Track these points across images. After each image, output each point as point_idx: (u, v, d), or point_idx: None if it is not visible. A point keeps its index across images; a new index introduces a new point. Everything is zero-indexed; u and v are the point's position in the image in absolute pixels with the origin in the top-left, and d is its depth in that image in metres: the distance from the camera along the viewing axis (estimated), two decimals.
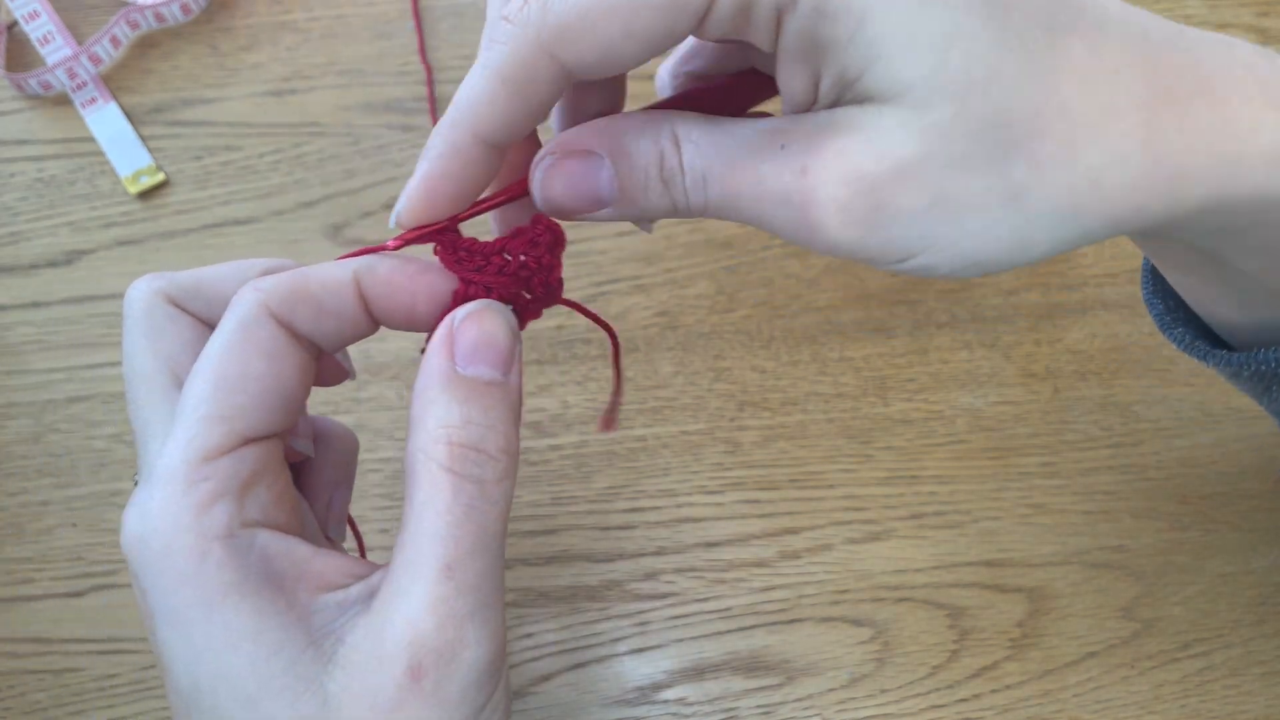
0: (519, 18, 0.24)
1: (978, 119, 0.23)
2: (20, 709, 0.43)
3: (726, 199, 0.25)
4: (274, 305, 0.26)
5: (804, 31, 0.24)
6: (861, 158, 0.24)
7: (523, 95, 0.25)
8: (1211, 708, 0.45)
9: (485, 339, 0.26)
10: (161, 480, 0.25)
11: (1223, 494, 0.48)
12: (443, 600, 0.24)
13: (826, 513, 0.47)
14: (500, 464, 0.26)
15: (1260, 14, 0.55)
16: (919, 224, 0.24)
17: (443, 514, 0.24)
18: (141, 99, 0.52)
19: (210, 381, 0.25)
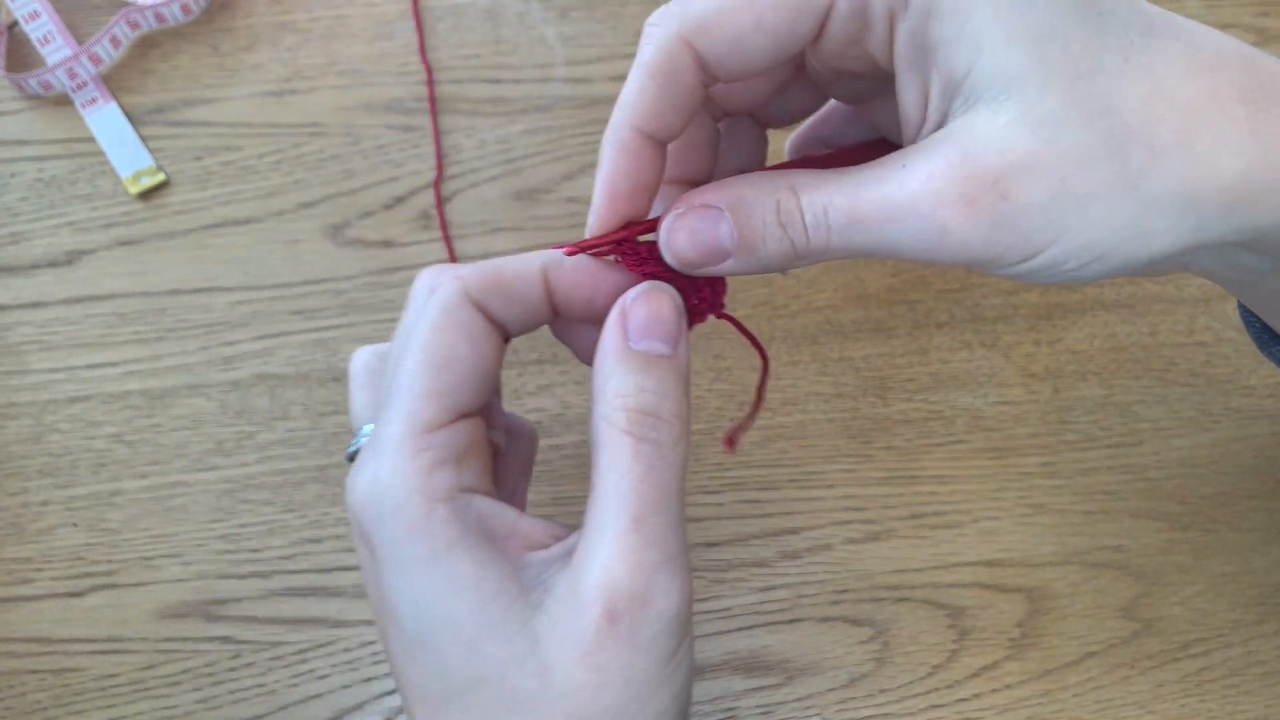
0: (661, 18, 0.28)
1: (1087, 108, 0.24)
2: (20, 709, 0.43)
3: (849, 226, 0.26)
4: (473, 292, 0.29)
5: (915, 34, 0.26)
6: (982, 156, 0.24)
7: (669, 86, 0.28)
8: (1211, 707, 0.45)
9: (654, 315, 0.29)
10: (389, 449, 0.27)
11: (1222, 494, 0.48)
12: (632, 550, 0.26)
13: (826, 513, 0.47)
14: (674, 428, 0.28)
15: (1260, 14, 0.55)
16: (1044, 214, 0.25)
17: (625, 474, 0.27)
18: (142, 99, 0.52)
19: (423, 361, 0.28)
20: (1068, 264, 0.26)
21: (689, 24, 0.27)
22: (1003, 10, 0.24)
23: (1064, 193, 0.24)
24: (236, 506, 0.46)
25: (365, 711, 0.44)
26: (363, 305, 0.49)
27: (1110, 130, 0.24)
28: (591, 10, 0.53)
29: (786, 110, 0.34)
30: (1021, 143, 0.24)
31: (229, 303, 0.49)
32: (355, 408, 0.35)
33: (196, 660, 0.44)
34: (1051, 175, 0.24)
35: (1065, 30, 0.25)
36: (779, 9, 0.26)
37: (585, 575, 0.26)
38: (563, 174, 0.51)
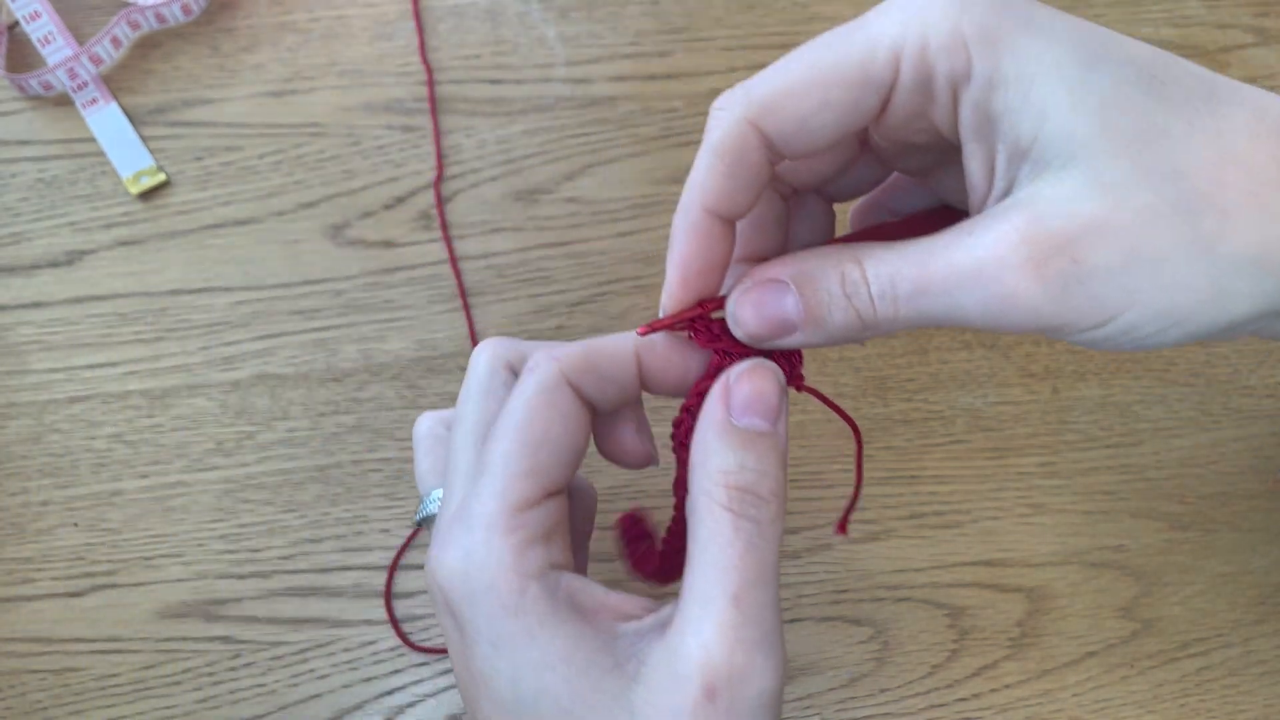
0: (727, 101, 0.28)
1: (1155, 173, 0.24)
2: (20, 709, 0.43)
3: (916, 293, 0.26)
4: (569, 373, 0.30)
5: (979, 104, 0.26)
6: (1050, 220, 0.24)
7: (737, 167, 0.28)
8: (1210, 707, 0.45)
9: (757, 393, 0.29)
10: (482, 525, 0.28)
11: (1222, 494, 0.48)
12: (733, 627, 0.26)
13: (826, 513, 0.47)
14: (772, 506, 0.28)
15: (1259, 14, 0.55)
16: (1117, 279, 0.24)
17: (725, 548, 0.27)
18: (142, 99, 0.52)
19: (519, 440, 0.29)
20: (1143, 329, 0.25)
21: (754, 107, 0.27)
22: (1067, 78, 0.25)
23: (1136, 257, 0.24)
24: (236, 506, 0.46)
25: (365, 711, 0.44)
26: (363, 305, 0.49)
27: (1180, 194, 0.24)
28: (591, 10, 0.53)
29: (852, 184, 0.34)
30: (1089, 206, 0.24)
31: (229, 303, 0.49)
32: (421, 472, 0.35)
33: (196, 660, 0.44)
34: (1122, 239, 0.24)
35: (1130, 96, 0.25)
36: (843, 88, 0.26)
37: (683, 649, 0.26)
38: (563, 174, 0.51)
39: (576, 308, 0.49)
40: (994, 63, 0.25)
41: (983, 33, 0.25)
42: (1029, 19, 0.25)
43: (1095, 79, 0.25)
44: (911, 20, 0.26)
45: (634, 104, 0.52)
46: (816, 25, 0.53)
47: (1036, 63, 0.25)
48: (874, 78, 0.26)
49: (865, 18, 0.27)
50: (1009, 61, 0.25)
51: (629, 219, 0.50)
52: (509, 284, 0.49)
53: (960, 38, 0.25)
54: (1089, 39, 0.26)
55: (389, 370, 0.48)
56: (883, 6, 0.27)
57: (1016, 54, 0.25)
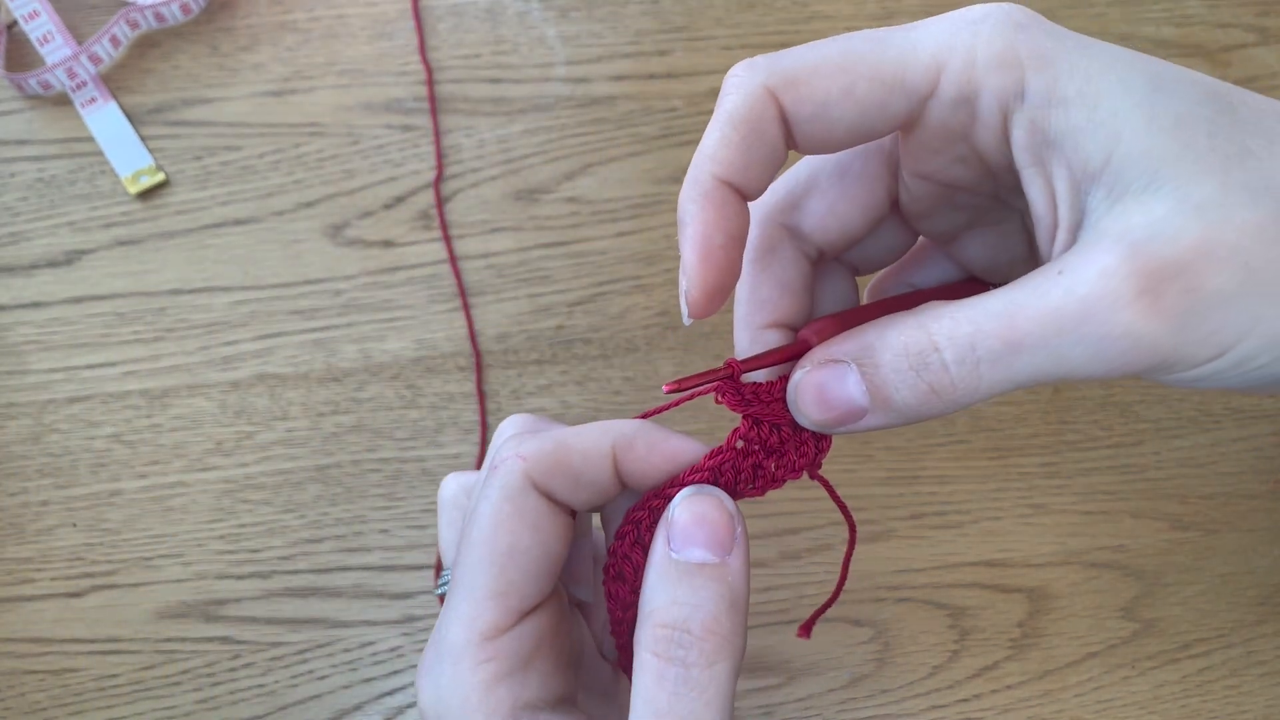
0: (747, 68, 0.25)
1: (1249, 189, 0.22)
2: (20, 709, 0.43)
3: (1006, 350, 0.23)
4: (536, 476, 0.27)
5: (1035, 124, 0.24)
6: (1154, 247, 0.22)
7: (753, 136, 0.25)
8: (1211, 708, 0.45)
9: (697, 520, 0.26)
10: (450, 657, 0.26)
11: (1223, 494, 0.48)
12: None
13: (826, 513, 0.47)
14: (707, 644, 0.25)
15: (1260, 14, 0.55)
16: (1235, 305, 0.22)
17: (647, 702, 0.25)
18: (141, 99, 0.52)
19: (484, 557, 0.26)
20: (1259, 359, 0.23)
21: (776, 76, 0.25)
22: (1137, 96, 0.23)
23: (1251, 278, 0.22)
24: (236, 506, 0.46)
25: (365, 711, 0.44)
26: (362, 305, 0.49)
27: (1277, 208, 0.22)
28: (591, 10, 0.53)
29: (877, 253, 0.31)
30: (1193, 229, 0.22)
31: (228, 303, 0.49)
32: (444, 543, 0.33)
33: (196, 660, 0.44)
34: (1235, 259, 0.22)
35: (1205, 115, 0.23)
36: (872, 82, 0.24)
37: None
38: (563, 174, 0.51)
39: (576, 307, 0.49)
40: (1051, 81, 0.23)
41: (1038, 52, 0.24)
42: (1086, 45, 0.24)
43: (1165, 98, 0.23)
44: (960, 32, 0.24)
45: (634, 104, 0.52)
46: (816, 25, 0.53)
47: (1100, 81, 0.23)
48: (907, 82, 0.25)
49: (913, 24, 0.25)
50: (1068, 80, 0.23)
51: (629, 219, 0.50)
52: (509, 284, 0.49)
53: (1014, 54, 0.24)
54: (1149, 63, 0.24)
55: (388, 370, 0.48)
56: (933, 18, 0.25)
57: (1076, 73, 0.23)
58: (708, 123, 0.26)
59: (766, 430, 0.27)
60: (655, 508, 0.28)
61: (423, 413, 0.47)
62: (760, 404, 0.27)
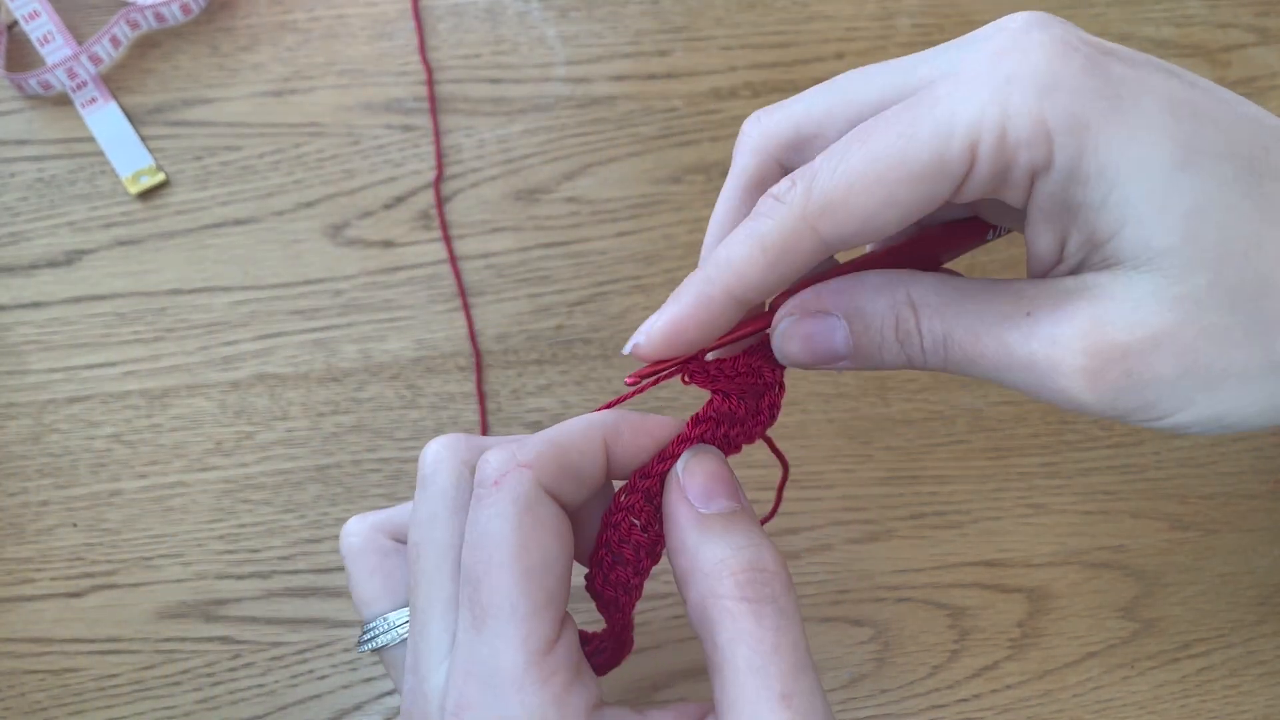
0: (787, 196, 0.25)
1: (1234, 290, 0.23)
2: (20, 709, 0.43)
3: (967, 361, 0.26)
4: (545, 481, 0.27)
5: (1056, 194, 0.24)
6: (1113, 328, 0.23)
7: (781, 264, 0.26)
8: (1211, 708, 0.45)
9: (713, 475, 0.27)
10: (513, 685, 0.25)
11: (1223, 494, 0.48)
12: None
13: (826, 513, 0.47)
14: (783, 576, 0.26)
15: (1260, 14, 0.55)
16: (1173, 390, 0.24)
17: (756, 645, 0.25)
18: (142, 99, 0.52)
19: (520, 573, 0.26)
20: (1190, 429, 0.25)
21: (814, 210, 0.25)
22: (1155, 180, 0.23)
23: (1194, 371, 0.23)
24: (236, 506, 0.46)
25: (365, 711, 0.44)
26: (362, 305, 0.49)
27: (1258, 314, 0.23)
28: (591, 10, 0.53)
29: None
30: (1157, 319, 0.23)
31: (228, 303, 0.49)
32: (366, 595, 0.32)
33: (196, 660, 0.44)
34: (1184, 354, 0.23)
35: (1225, 202, 0.23)
36: (913, 183, 0.24)
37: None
38: (563, 174, 0.51)
39: (576, 307, 0.49)
40: (1077, 156, 0.23)
41: (1068, 122, 0.23)
42: (1117, 102, 0.23)
43: (1186, 180, 0.23)
44: (990, 104, 0.23)
45: (634, 103, 0.52)
46: (816, 25, 0.53)
47: (1122, 157, 0.23)
48: (948, 171, 0.24)
49: (935, 94, 0.24)
50: (1092, 156, 0.23)
51: (629, 218, 0.50)
52: (509, 284, 0.49)
53: (1044, 128, 0.23)
54: (1184, 120, 0.23)
55: (388, 370, 0.48)
56: (955, 80, 0.24)
57: (1101, 147, 0.23)
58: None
59: (735, 402, 0.29)
60: (647, 487, 0.28)
61: (423, 413, 0.47)
62: (725, 379, 0.28)
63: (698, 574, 0.26)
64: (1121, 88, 0.23)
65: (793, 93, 0.29)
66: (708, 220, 0.31)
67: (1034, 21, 0.25)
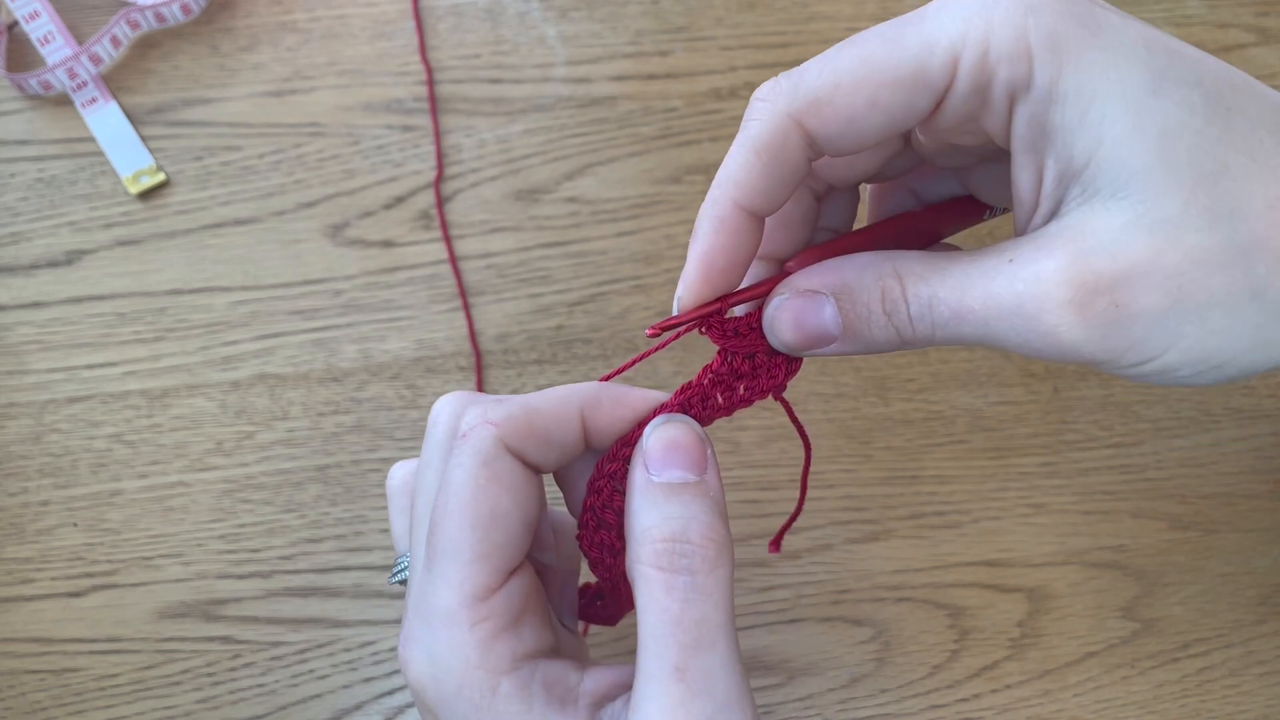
0: (771, 94, 0.26)
1: (1210, 212, 0.23)
2: (20, 709, 0.43)
3: (954, 319, 0.26)
4: (509, 440, 0.28)
5: (1035, 117, 0.25)
6: (1096, 258, 0.23)
7: (775, 163, 0.26)
8: (1211, 708, 0.45)
9: (672, 444, 0.28)
10: (443, 622, 0.26)
11: (1223, 494, 0.48)
12: (679, 705, 0.25)
13: (826, 513, 0.47)
14: (707, 551, 0.26)
15: (1260, 14, 0.55)
16: (1161, 323, 0.24)
17: (661, 615, 0.25)
18: (142, 99, 0.52)
19: (468, 521, 0.27)
20: (1180, 371, 0.25)
21: (800, 102, 0.25)
22: (1129, 101, 0.23)
23: (1181, 301, 0.23)
24: (236, 506, 0.46)
25: (365, 711, 0.44)
26: (362, 305, 0.49)
27: (1233, 236, 0.23)
28: (591, 10, 0.53)
29: (885, 175, 0.33)
30: (1138, 246, 0.23)
31: (229, 303, 0.49)
32: (397, 531, 0.33)
33: (196, 660, 0.44)
34: (1169, 282, 0.23)
35: (1193, 126, 0.23)
36: (895, 88, 0.25)
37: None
38: (563, 174, 0.51)
39: (576, 307, 0.49)
40: (1055, 75, 0.24)
41: (1049, 40, 0.24)
42: (1098, 25, 0.24)
43: (1158, 104, 0.23)
44: (974, 19, 0.24)
45: (634, 104, 0.52)
46: (816, 25, 0.53)
47: (1100, 79, 0.23)
48: (929, 80, 0.25)
49: (923, 11, 0.25)
50: (1071, 75, 0.24)
51: (629, 219, 0.50)
52: (509, 284, 0.49)
53: (1025, 44, 0.24)
54: (1158, 53, 0.24)
55: (389, 370, 0.48)
56: (942, 1, 0.25)
57: (1080, 67, 0.24)
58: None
59: (739, 361, 0.29)
60: (627, 455, 0.29)
61: (423, 413, 0.47)
62: (739, 337, 0.29)
63: (630, 539, 0.27)
64: (1101, 19, 0.24)
65: None
66: None
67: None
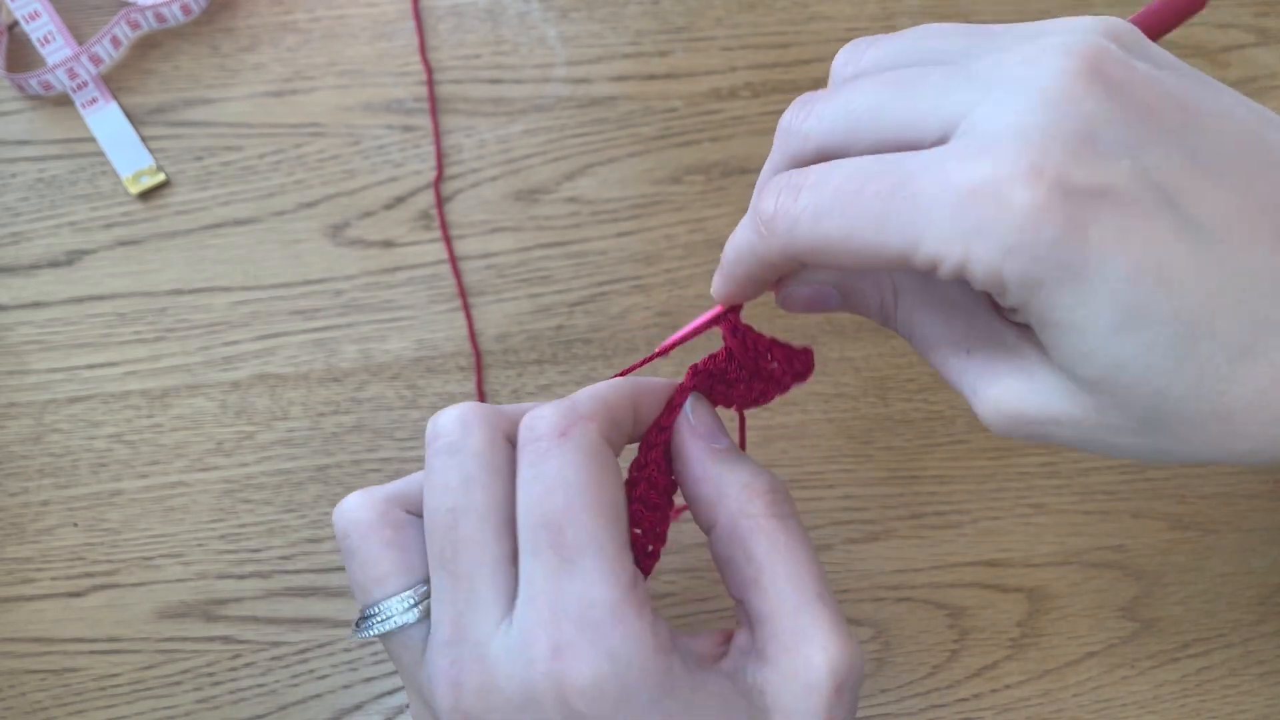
0: (771, 226, 0.28)
1: (1137, 410, 0.25)
2: (21, 709, 0.43)
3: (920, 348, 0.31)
4: (605, 433, 0.30)
5: (1008, 307, 0.27)
6: (1023, 403, 0.27)
7: (771, 270, 0.30)
8: (1211, 707, 0.45)
9: (713, 420, 0.32)
10: (614, 617, 0.27)
11: (1223, 494, 0.48)
12: (835, 624, 0.28)
13: (826, 512, 0.47)
14: (788, 495, 0.31)
15: (1260, 14, 0.55)
16: (1067, 443, 0.28)
17: (792, 555, 0.29)
18: (142, 99, 0.52)
19: (602, 516, 0.28)
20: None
21: (795, 249, 0.28)
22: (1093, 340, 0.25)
23: (1087, 444, 0.27)
24: (236, 506, 0.46)
25: (365, 711, 0.44)
26: (363, 305, 0.49)
27: (1149, 424, 0.26)
28: (591, 10, 0.53)
29: None
30: (1060, 407, 0.27)
31: (229, 303, 0.49)
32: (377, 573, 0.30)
33: (196, 660, 0.44)
34: (1080, 433, 0.27)
35: (1151, 364, 0.25)
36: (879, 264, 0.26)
37: (807, 663, 0.28)
38: (563, 174, 0.51)
39: (576, 308, 0.49)
40: (1024, 302, 0.25)
41: (1022, 279, 0.24)
42: (1080, 267, 0.23)
43: (1118, 343, 0.24)
44: (954, 244, 0.24)
45: (634, 104, 0.52)
46: (816, 25, 0.53)
47: (1065, 315, 0.24)
48: (912, 265, 0.26)
49: (911, 197, 0.25)
50: (1036, 308, 0.25)
51: (629, 219, 0.50)
52: (509, 284, 0.49)
53: (999, 279, 0.24)
54: (1142, 291, 0.24)
55: (389, 370, 0.48)
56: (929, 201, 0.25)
57: (1045, 305, 0.24)
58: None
59: (734, 368, 0.32)
60: (665, 440, 0.32)
61: (423, 413, 0.47)
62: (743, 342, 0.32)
63: (726, 498, 0.30)
64: (1091, 250, 0.23)
65: (794, 93, 0.29)
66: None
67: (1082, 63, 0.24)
